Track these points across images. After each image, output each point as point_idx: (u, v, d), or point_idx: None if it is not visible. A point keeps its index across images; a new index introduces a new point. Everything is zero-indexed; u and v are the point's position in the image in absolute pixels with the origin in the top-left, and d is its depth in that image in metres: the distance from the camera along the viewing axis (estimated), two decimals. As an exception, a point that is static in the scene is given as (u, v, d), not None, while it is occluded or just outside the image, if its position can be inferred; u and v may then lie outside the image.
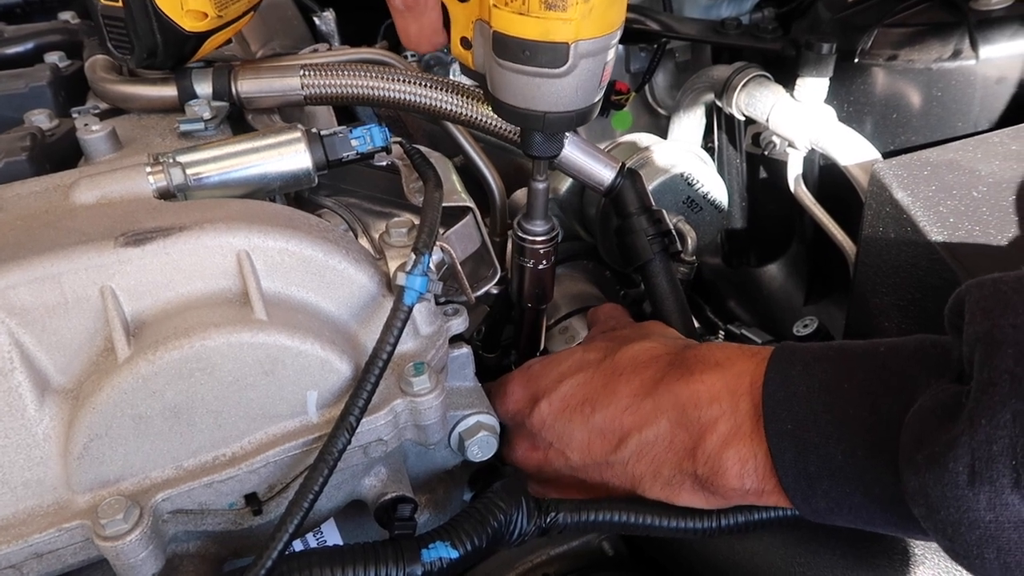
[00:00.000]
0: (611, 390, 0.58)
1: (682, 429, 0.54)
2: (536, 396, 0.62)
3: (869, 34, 0.87)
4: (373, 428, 0.50)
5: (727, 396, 0.52)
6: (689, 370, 0.55)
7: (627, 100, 1.14)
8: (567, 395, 0.60)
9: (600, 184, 0.68)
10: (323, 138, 0.57)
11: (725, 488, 0.52)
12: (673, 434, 0.55)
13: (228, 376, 0.46)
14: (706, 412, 0.53)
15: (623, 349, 0.60)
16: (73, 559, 0.46)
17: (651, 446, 0.56)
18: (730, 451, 0.51)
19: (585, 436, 0.59)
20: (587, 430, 0.58)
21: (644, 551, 0.74)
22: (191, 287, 0.47)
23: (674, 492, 0.55)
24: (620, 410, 0.57)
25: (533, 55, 0.47)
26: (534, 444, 0.63)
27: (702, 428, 0.53)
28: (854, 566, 0.58)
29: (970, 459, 0.38)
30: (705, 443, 0.52)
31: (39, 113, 0.63)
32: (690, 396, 0.54)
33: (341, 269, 0.51)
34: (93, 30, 0.80)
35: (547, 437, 0.61)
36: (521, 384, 0.64)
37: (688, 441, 0.54)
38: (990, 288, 0.42)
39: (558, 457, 0.61)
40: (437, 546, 0.50)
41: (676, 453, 0.54)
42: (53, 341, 0.45)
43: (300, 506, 0.46)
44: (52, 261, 0.45)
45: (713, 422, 0.52)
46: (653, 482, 0.56)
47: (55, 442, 0.45)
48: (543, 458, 0.62)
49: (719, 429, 0.52)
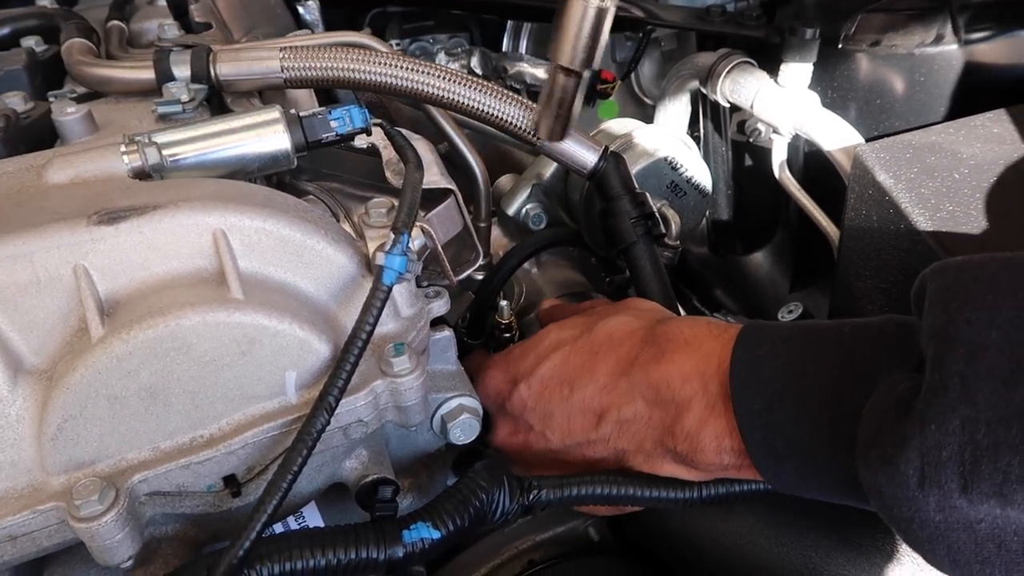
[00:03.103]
0: (588, 369, 0.58)
1: (658, 408, 0.55)
2: (516, 379, 0.62)
3: (852, 20, 0.87)
4: (353, 409, 0.49)
5: (697, 377, 0.53)
6: (660, 350, 0.55)
7: (613, 89, 1.14)
8: (545, 376, 0.60)
9: (583, 167, 0.68)
10: (302, 119, 0.56)
11: (705, 463, 0.53)
12: (650, 413, 0.55)
13: (204, 356, 0.46)
14: (679, 392, 0.53)
15: (599, 325, 0.60)
16: (48, 542, 0.45)
17: (630, 424, 0.56)
18: (707, 429, 0.52)
19: (565, 417, 0.59)
20: (566, 411, 0.59)
21: (629, 536, 0.74)
22: (166, 266, 0.47)
23: (657, 465, 0.56)
24: (597, 389, 0.57)
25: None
26: (515, 427, 0.63)
27: (677, 408, 0.53)
28: (838, 546, 0.59)
29: (920, 463, 0.38)
30: (682, 422, 0.53)
31: (13, 96, 0.62)
32: (662, 377, 0.54)
33: (319, 249, 0.50)
34: (70, 15, 0.79)
35: (528, 419, 0.61)
36: (501, 368, 0.64)
37: (665, 419, 0.54)
38: (952, 276, 0.41)
39: (539, 439, 0.61)
40: (419, 527, 0.49)
41: (655, 430, 0.55)
42: (25, 321, 0.45)
43: (279, 487, 0.45)
44: (24, 240, 0.44)
45: (687, 402, 0.53)
46: (636, 455, 0.56)
47: (28, 423, 0.44)
48: (524, 441, 0.62)
49: (694, 409, 0.52)
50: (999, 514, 0.37)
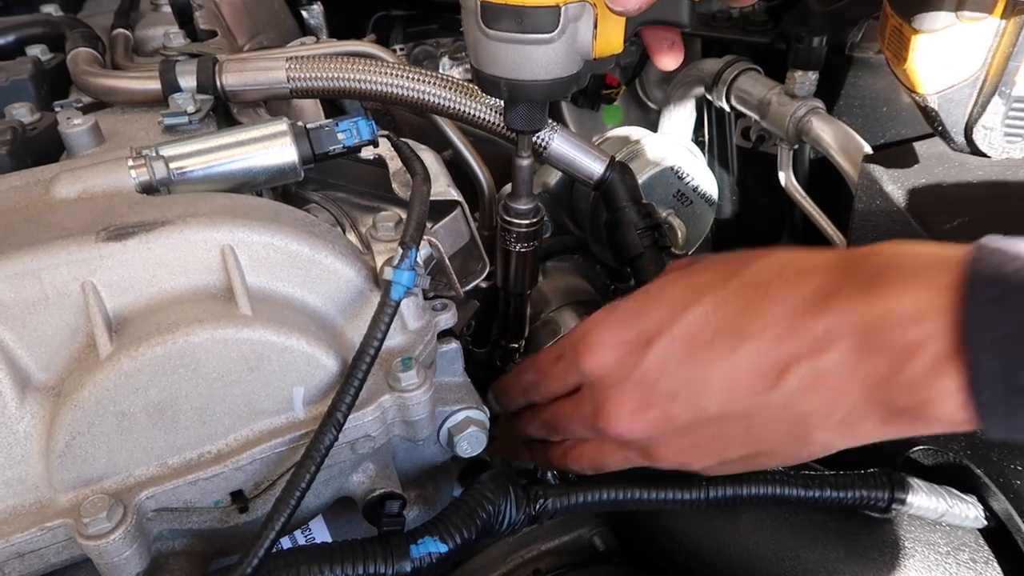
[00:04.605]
0: (758, 312, 0.48)
1: (872, 355, 0.44)
2: (646, 339, 0.52)
3: (859, 27, 0.87)
4: (360, 424, 0.49)
5: (938, 314, 0.42)
6: (875, 280, 0.45)
7: (617, 94, 1.14)
8: (692, 330, 0.50)
9: (590, 177, 0.68)
10: (309, 131, 0.56)
11: (933, 419, 0.44)
12: (858, 361, 0.45)
13: (212, 372, 0.46)
14: (908, 333, 0.43)
15: (755, 264, 0.50)
16: (56, 559, 0.45)
17: (826, 377, 0.46)
18: (945, 380, 0.42)
19: (728, 375, 0.49)
20: (730, 367, 0.49)
21: (635, 546, 0.74)
22: (174, 282, 0.47)
23: (853, 428, 0.47)
24: (777, 336, 0.47)
25: (523, 20, 0.46)
26: (646, 400, 0.52)
27: (903, 351, 0.43)
28: (845, 559, 0.58)
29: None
30: (908, 370, 0.43)
31: (20, 107, 0.62)
32: (882, 314, 0.44)
33: (327, 264, 0.50)
34: (75, 23, 0.79)
35: (670, 386, 0.51)
36: (615, 329, 0.53)
37: (882, 368, 0.44)
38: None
39: (687, 409, 0.51)
40: (426, 541, 0.49)
41: (863, 383, 0.45)
42: (34, 338, 0.45)
43: (287, 503, 0.45)
44: (32, 256, 0.44)
45: (918, 344, 0.43)
46: (825, 420, 0.47)
47: (36, 440, 0.44)
48: (662, 415, 0.51)
49: (930, 352, 0.42)
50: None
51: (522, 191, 0.61)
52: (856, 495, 0.57)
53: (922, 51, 0.59)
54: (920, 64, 0.60)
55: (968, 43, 0.58)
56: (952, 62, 0.59)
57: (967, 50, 0.58)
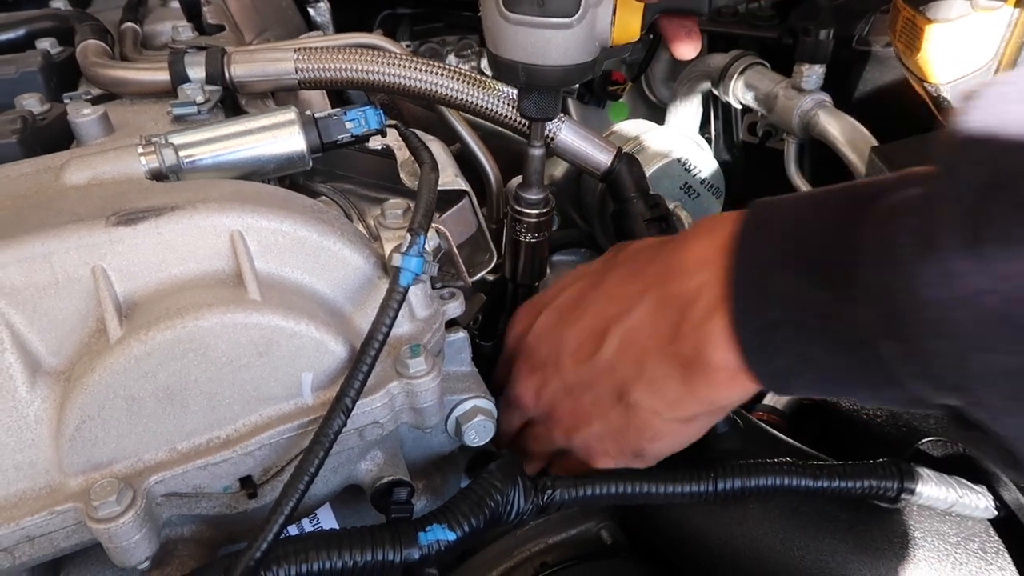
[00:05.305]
0: (602, 283, 0.55)
1: (665, 306, 0.48)
2: (537, 312, 0.60)
3: (866, 20, 0.87)
4: (369, 411, 0.49)
5: (714, 260, 0.45)
6: (682, 239, 0.50)
7: (624, 90, 1.14)
8: (562, 304, 0.57)
9: (597, 168, 0.68)
10: (317, 120, 0.56)
11: (709, 367, 0.46)
12: (656, 313, 0.49)
13: (222, 357, 0.46)
14: (691, 280, 0.47)
15: (625, 250, 0.57)
16: (66, 543, 0.45)
17: (633, 334, 0.50)
18: (715, 321, 0.45)
19: (576, 338, 0.54)
20: (578, 330, 0.54)
21: (643, 539, 0.74)
22: (184, 267, 0.47)
23: (660, 391, 0.49)
24: (606, 302, 0.53)
25: (545, 4, 0.47)
26: (532, 364, 0.59)
27: (686, 299, 0.47)
28: (854, 549, 0.58)
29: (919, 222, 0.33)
30: (689, 315, 0.46)
31: (30, 97, 0.63)
32: (677, 265, 0.48)
33: (336, 250, 0.50)
34: (84, 16, 0.79)
35: (543, 351, 0.58)
36: (526, 308, 0.63)
37: (672, 316, 0.48)
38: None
39: (554, 374, 0.57)
40: (434, 529, 0.49)
41: (659, 337, 0.49)
42: (44, 322, 0.45)
43: (295, 489, 0.45)
44: (42, 241, 0.44)
45: (697, 291, 0.46)
46: (638, 382, 0.50)
47: (47, 424, 0.44)
48: (541, 380, 0.58)
49: (704, 298, 0.46)
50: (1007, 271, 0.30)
51: (533, 180, 0.61)
52: (865, 485, 0.57)
53: (936, 40, 0.59)
54: (934, 53, 0.60)
55: (982, 32, 0.58)
56: (966, 51, 0.59)
57: (981, 39, 0.58)
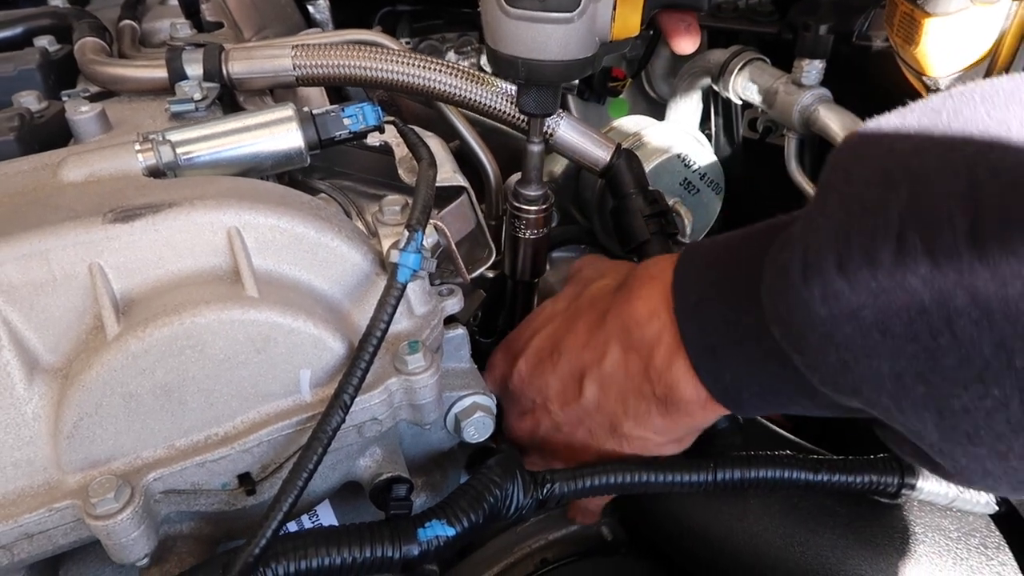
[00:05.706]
0: (572, 331, 0.58)
1: (632, 352, 0.53)
2: (515, 357, 0.62)
3: (866, 15, 0.86)
4: (367, 407, 0.49)
5: (663, 310, 0.51)
6: (630, 290, 0.54)
7: (623, 87, 1.14)
8: (538, 348, 0.60)
9: (596, 164, 0.68)
10: (315, 117, 0.56)
11: (682, 402, 0.51)
12: (626, 359, 0.54)
13: (219, 354, 0.46)
14: (648, 329, 0.52)
15: (585, 291, 0.60)
16: (64, 540, 0.45)
17: (611, 377, 0.55)
18: (678, 361, 0.50)
19: (559, 383, 0.58)
20: (559, 377, 0.58)
21: (643, 535, 0.74)
22: (181, 264, 0.47)
23: (646, 423, 0.54)
24: (580, 348, 0.56)
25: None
26: (521, 408, 0.62)
27: (648, 346, 0.52)
28: (854, 544, 0.58)
29: (801, 251, 0.38)
30: (654, 360, 0.51)
31: (28, 95, 0.63)
32: (631, 315, 0.53)
33: (334, 247, 0.50)
34: (82, 14, 0.79)
35: (529, 395, 0.60)
36: (502, 351, 0.64)
37: (640, 362, 0.53)
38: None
39: (544, 415, 0.60)
40: (433, 524, 0.49)
41: (634, 379, 0.53)
42: (41, 319, 0.45)
43: (294, 485, 0.45)
44: (39, 238, 0.44)
45: (657, 337, 0.51)
46: (626, 418, 0.55)
47: (44, 421, 0.44)
48: (533, 422, 0.61)
49: (664, 341, 0.51)
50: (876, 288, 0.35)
51: (532, 177, 0.61)
52: (866, 480, 0.57)
53: (935, 34, 0.59)
54: (932, 47, 0.60)
55: (980, 26, 0.58)
56: (964, 45, 0.59)
57: (979, 33, 0.58)
